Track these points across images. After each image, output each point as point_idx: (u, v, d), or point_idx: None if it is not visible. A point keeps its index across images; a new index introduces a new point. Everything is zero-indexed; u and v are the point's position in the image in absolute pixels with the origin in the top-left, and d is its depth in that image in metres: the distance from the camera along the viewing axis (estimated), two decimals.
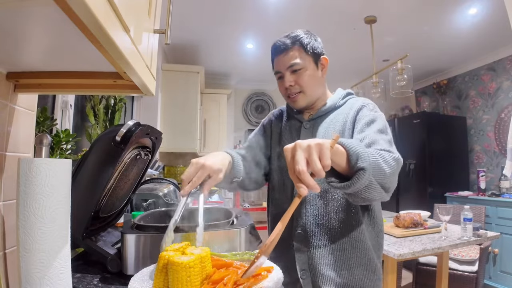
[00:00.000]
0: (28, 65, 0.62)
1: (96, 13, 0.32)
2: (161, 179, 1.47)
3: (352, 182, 0.63)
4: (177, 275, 0.51)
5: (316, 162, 0.55)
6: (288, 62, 0.94)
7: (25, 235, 0.49)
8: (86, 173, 0.71)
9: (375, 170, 0.66)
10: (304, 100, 0.97)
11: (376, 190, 0.68)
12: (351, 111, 0.94)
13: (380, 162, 0.69)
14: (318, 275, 0.87)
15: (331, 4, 2.50)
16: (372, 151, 0.70)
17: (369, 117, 0.88)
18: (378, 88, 2.80)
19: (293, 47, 0.93)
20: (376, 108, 0.94)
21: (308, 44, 0.94)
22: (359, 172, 0.63)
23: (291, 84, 0.94)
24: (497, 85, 3.47)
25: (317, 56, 0.96)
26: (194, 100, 3.34)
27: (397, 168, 0.74)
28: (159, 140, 0.90)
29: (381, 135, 0.83)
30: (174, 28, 2.24)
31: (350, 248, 0.87)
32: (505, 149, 3.28)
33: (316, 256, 0.88)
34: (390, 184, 0.72)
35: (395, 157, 0.74)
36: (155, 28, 0.64)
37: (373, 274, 0.89)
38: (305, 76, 0.94)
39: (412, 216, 2.04)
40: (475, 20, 2.72)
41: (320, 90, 0.99)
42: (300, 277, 0.89)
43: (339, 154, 0.63)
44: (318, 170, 0.55)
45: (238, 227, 0.76)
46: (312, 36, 0.96)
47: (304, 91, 0.95)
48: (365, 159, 0.63)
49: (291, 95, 0.96)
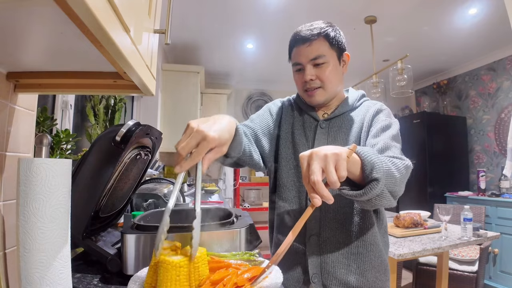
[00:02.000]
0: (28, 65, 0.62)
1: (96, 13, 0.32)
2: (161, 179, 1.47)
3: (365, 191, 0.63)
4: (167, 273, 0.51)
5: (333, 173, 0.54)
6: (311, 54, 0.87)
7: (25, 235, 0.49)
8: (86, 173, 0.71)
9: (387, 179, 0.66)
10: (323, 96, 0.92)
11: (386, 198, 0.68)
12: (367, 114, 0.91)
13: (392, 170, 0.68)
14: (330, 278, 0.85)
15: (331, 4, 2.51)
16: (385, 159, 0.69)
17: (385, 123, 0.87)
18: (378, 88, 2.80)
19: (318, 38, 0.87)
20: (391, 114, 0.93)
21: (334, 38, 0.89)
22: (373, 182, 0.62)
23: (312, 78, 0.89)
24: (497, 85, 3.47)
25: (341, 51, 0.92)
26: (194, 100, 3.34)
27: (406, 175, 0.74)
28: (159, 140, 0.90)
29: (394, 142, 0.82)
30: (174, 28, 2.24)
31: (364, 251, 0.86)
32: (505, 149, 3.29)
33: (330, 260, 0.86)
34: (400, 191, 0.72)
35: (406, 165, 0.74)
36: (155, 28, 0.64)
37: (383, 275, 0.88)
38: (327, 71, 0.88)
39: (412, 216, 2.04)
40: (475, 20, 2.72)
41: (339, 88, 0.95)
42: (312, 281, 0.87)
43: (354, 163, 0.63)
44: (334, 181, 0.54)
45: (238, 227, 0.76)
46: (338, 30, 0.92)
47: (324, 86, 0.90)
48: (380, 169, 0.63)
49: (310, 89, 0.91)
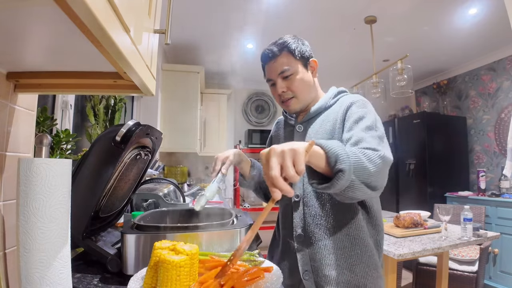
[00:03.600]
0: (28, 65, 0.62)
1: (96, 13, 0.32)
2: (161, 179, 1.47)
3: (331, 183, 0.65)
4: (167, 273, 0.51)
5: (290, 168, 0.56)
6: (278, 68, 0.95)
7: (25, 235, 0.49)
8: (86, 173, 0.71)
9: (358, 170, 0.67)
10: (298, 105, 0.98)
11: (359, 190, 0.68)
12: (340, 110, 0.93)
13: (363, 161, 0.69)
14: (320, 275, 0.87)
15: (331, 4, 2.50)
16: (355, 151, 0.70)
17: (358, 114, 0.87)
18: (378, 88, 2.80)
19: (281, 53, 0.94)
20: (367, 103, 0.92)
21: (296, 49, 0.94)
22: (338, 174, 0.64)
23: (283, 90, 0.95)
24: (497, 85, 3.47)
25: (306, 59, 0.97)
26: (194, 100, 3.34)
27: (383, 165, 0.73)
28: (159, 140, 0.90)
29: (370, 132, 0.81)
30: (174, 28, 2.24)
31: (350, 245, 0.88)
32: (505, 149, 3.28)
33: (317, 256, 0.88)
34: (377, 182, 0.72)
35: (380, 155, 0.73)
36: (155, 28, 0.64)
37: (374, 271, 0.89)
38: (296, 81, 0.94)
39: (412, 216, 2.04)
40: (475, 20, 2.72)
41: (313, 93, 1.00)
42: (303, 278, 0.89)
43: (318, 157, 0.64)
44: (291, 175, 0.55)
45: (238, 227, 0.76)
46: (299, 41, 0.97)
47: (296, 96, 0.96)
48: (344, 160, 0.64)
49: (285, 100, 0.98)
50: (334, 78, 4.26)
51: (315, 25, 2.84)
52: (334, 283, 0.86)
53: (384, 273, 1.44)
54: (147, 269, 0.56)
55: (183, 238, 0.70)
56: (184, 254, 0.54)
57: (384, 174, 0.74)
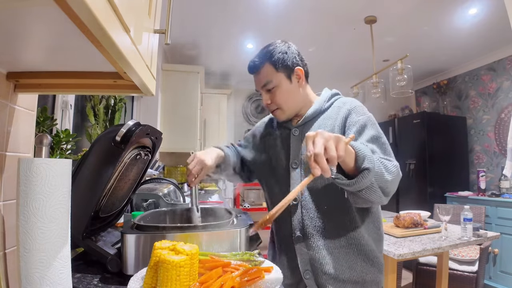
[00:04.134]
0: (28, 65, 0.62)
1: (96, 13, 0.32)
2: (161, 179, 1.47)
3: (357, 180, 0.71)
4: (167, 273, 0.51)
5: (333, 149, 0.62)
6: (261, 81, 0.95)
7: (25, 235, 0.49)
8: (86, 173, 0.71)
9: (378, 174, 0.73)
10: (283, 115, 0.97)
11: (376, 193, 0.75)
12: (338, 117, 0.93)
13: (381, 168, 0.75)
14: (320, 274, 0.89)
15: (331, 4, 2.50)
16: (376, 158, 0.76)
17: (359, 124, 0.88)
18: (378, 88, 2.80)
19: (263, 66, 0.93)
20: (364, 109, 0.93)
21: (278, 61, 0.92)
22: (364, 172, 0.70)
23: (267, 102, 0.96)
24: (497, 85, 3.47)
25: (289, 70, 0.94)
26: (194, 100, 3.34)
27: (397, 175, 0.80)
28: (159, 140, 0.90)
29: (376, 142, 0.86)
30: (174, 28, 2.24)
31: (347, 245, 0.89)
32: (505, 149, 3.28)
33: (316, 256, 0.90)
34: (390, 189, 0.79)
35: (395, 165, 0.81)
36: (155, 28, 0.64)
37: (373, 267, 0.91)
38: (279, 93, 0.94)
39: (412, 216, 2.04)
40: (475, 20, 2.72)
41: (300, 101, 0.98)
42: (304, 277, 0.91)
43: (349, 154, 0.71)
44: (332, 156, 0.62)
45: (238, 227, 0.76)
46: (284, 48, 0.94)
47: (281, 107, 0.96)
48: (371, 161, 0.71)
49: (271, 111, 0.99)
50: (334, 78, 4.26)
51: (315, 25, 2.84)
52: (335, 281, 0.88)
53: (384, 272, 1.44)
54: (147, 269, 0.56)
55: (183, 238, 0.70)
56: (184, 254, 0.54)
57: (397, 182, 0.81)
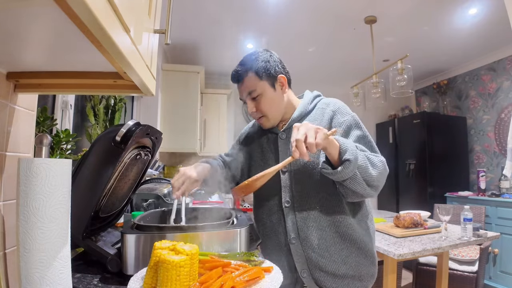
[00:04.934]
0: (28, 65, 0.62)
1: (96, 13, 0.32)
2: (161, 179, 1.47)
3: (338, 169, 0.78)
4: (167, 273, 0.51)
5: (312, 136, 0.72)
6: (244, 91, 0.96)
7: (25, 235, 0.49)
8: (86, 173, 0.71)
9: (362, 167, 0.80)
10: (268, 122, 0.99)
11: (360, 184, 0.81)
12: (323, 118, 0.96)
13: (366, 162, 0.82)
14: (317, 272, 0.91)
15: (331, 4, 2.50)
16: (361, 153, 0.83)
17: (345, 125, 0.93)
18: (378, 88, 2.80)
19: (246, 75, 0.95)
20: (347, 108, 0.97)
21: (260, 69, 0.94)
22: (345, 163, 0.77)
23: (252, 110, 0.97)
24: (497, 85, 3.47)
25: (273, 78, 0.96)
26: (194, 100, 3.34)
27: (383, 169, 0.86)
28: (159, 140, 0.90)
29: (362, 140, 0.91)
30: (174, 28, 2.24)
31: (341, 241, 0.92)
32: (505, 149, 3.28)
33: (312, 256, 0.92)
34: (376, 183, 0.84)
35: (381, 160, 0.87)
36: (155, 28, 0.64)
37: (365, 259, 0.94)
38: (263, 102, 0.95)
39: (412, 216, 2.04)
40: (475, 20, 2.72)
41: (283, 107, 1.00)
42: (301, 276, 0.93)
43: (333, 146, 0.79)
44: (311, 143, 0.71)
45: (238, 227, 0.76)
46: (266, 57, 0.96)
47: (265, 115, 0.97)
48: (352, 154, 0.78)
49: (256, 119, 1.01)
50: (334, 78, 4.26)
51: (315, 25, 2.84)
52: (332, 277, 0.91)
53: (384, 273, 1.44)
54: (147, 269, 0.56)
55: (183, 238, 0.70)
56: (184, 254, 0.54)
57: (383, 176, 0.86)
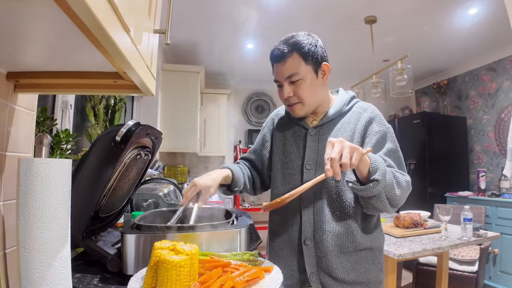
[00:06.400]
0: (28, 65, 0.62)
1: (96, 13, 0.32)
2: (161, 179, 1.47)
3: (365, 187, 0.77)
4: (167, 273, 0.51)
5: (347, 157, 0.70)
6: (286, 72, 0.88)
7: (25, 235, 0.49)
8: (86, 173, 0.71)
9: (388, 186, 0.80)
10: (302, 110, 0.93)
11: (382, 202, 0.80)
12: (359, 123, 0.92)
13: (393, 181, 0.81)
14: (327, 276, 0.90)
15: (331, 4, 2.50)
16: (389, 171, 0.82)
17: (380, 135, 0.90)
18: (378, 88, 2.80)
19: (291, 55, 0.87)
20: (383, 119, 0.94)
21: (308, 53, 0.87)
22: (373, 182, 0.76)
23: (289, 95, 0.91)
24: (497, 85, 3.47)
25: (318, 64, 0.90)
26: (194, 100, 3.34)
27: (407, 189, 0.85)
28: (159, 140, 0.90)
29: (393, 155, 0.90)
30: (174, 28, 2.24)
31: (354, 251, 0.90)
32: (505, 149, 3.28)
33: (323, 260, 0.90)
34: (398, 202, 0.84)
35: (407, 180, 0.85)
36: (155, 28, 0.64)
37: (373, 265, 0.93)
38: (303, 87, 0.89)
39: (412, 216, 2.04)
40: (475, 20, 2.72)
41: (321, 98, 0.95)
42: (310, 279, 0.91)
43: (365, 164, 0.77)
44: (345, 163, 0.70)
45: (238, 227, 0.76)
46: (313, 41, 0.90)
47: (302, 102, 0.91)
48: (381, 174, 0.77)
49: (290, 104, 0.94)
50: (334, 78, 4.24)
51: (315, 25, 2.84)
52: (340, 282, 0.89)
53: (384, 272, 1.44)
54: (147, 269, 0.56)
55: (183, 238, 0.70)
56: (184, 254, 0.54)
57: (405, 196, 0.86)
